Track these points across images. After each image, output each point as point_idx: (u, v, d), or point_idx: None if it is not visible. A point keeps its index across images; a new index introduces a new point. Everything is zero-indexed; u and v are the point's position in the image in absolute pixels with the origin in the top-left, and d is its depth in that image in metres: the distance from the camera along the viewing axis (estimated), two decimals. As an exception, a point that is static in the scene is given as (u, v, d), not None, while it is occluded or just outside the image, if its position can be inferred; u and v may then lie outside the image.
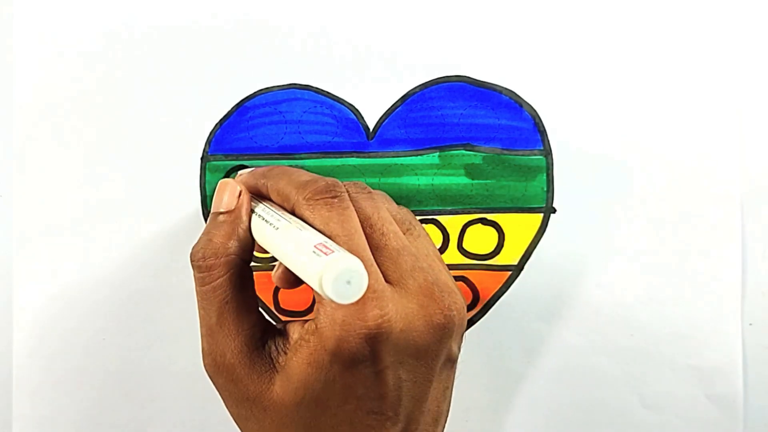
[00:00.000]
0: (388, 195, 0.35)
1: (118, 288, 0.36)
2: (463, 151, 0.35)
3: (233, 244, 0.27)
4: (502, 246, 0.35)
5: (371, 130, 0.35)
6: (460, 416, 0.36)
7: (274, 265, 0.35)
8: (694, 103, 0.35)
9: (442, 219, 0.35)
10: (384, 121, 0.35)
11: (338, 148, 0.35)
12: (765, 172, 0.35)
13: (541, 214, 0.35)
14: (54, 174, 0.36)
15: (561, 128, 0.35)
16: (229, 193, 0.28)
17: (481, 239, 0.35)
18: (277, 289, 0.36)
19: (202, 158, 0.35)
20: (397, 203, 0.35)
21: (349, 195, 0.27)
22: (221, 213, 0.28)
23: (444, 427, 0.28)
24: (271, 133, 0.35)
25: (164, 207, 0.36)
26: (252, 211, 0.28)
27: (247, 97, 0.35)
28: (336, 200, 0.26)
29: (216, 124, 0.35)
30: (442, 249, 0.35)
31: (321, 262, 0.21)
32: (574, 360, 0.36)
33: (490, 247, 0.35)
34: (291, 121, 0.35)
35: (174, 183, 0.36)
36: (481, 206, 0.35)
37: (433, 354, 0.26)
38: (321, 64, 0.35)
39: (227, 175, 0.35)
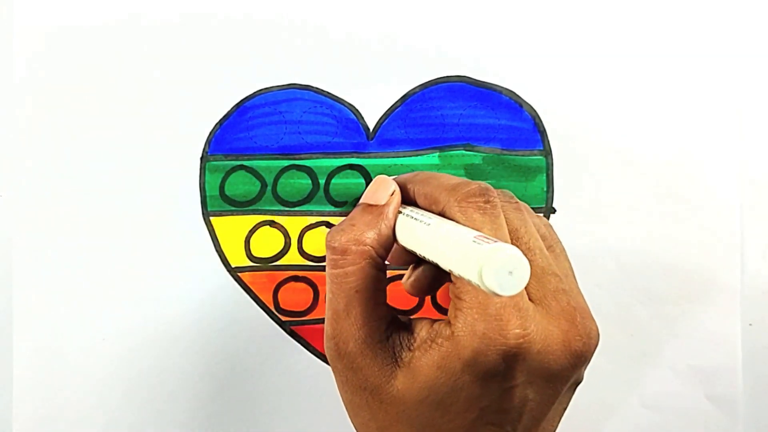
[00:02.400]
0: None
1: (118, 288, 0.36)
2: (463, 151, 0.35)
3: (373, 237, 0.26)
4: (502, 246, 0.35)
5: (371, 130, 0.35)
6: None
7: (275, 265, 0.35)
8: (694, 103, 0.35)
9: (442, 219, 0.35)
10: (384, 121, 0.35)
11: (338, 148, 0.35)
12: (765, 172, 0.36)
13: (541, 215, 0.35)
14: (54, 174, 0.36)
15: (561, 128, 0.35)
16: (382, 188, 0.28)
17: (481, 239, 0.35)
18: (276, 289, 0.36)
19: (201, 158, 0.35)
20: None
21: None
22: (369, 205, 0.28)
23: None
24: (271, 133, 0.35)
25: (164, 207, 0.36)
26: (399, 212, 0.28)
27: (246, 97, 0.35)
28: (488, 205, 0.25)
29: (216, 124, 0.35)
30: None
31: (483, 250, 0.20)
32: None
33: (490, 248, 0.35)
34: (291, 121, 0.35)
35: (174, 183, 0.36)
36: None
37: (564, 379, 0.25)
38: (321, 64, 0.35)
39: (227, 176, 0.35)
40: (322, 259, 0.35)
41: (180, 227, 0.36)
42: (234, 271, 0.36)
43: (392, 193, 0.28)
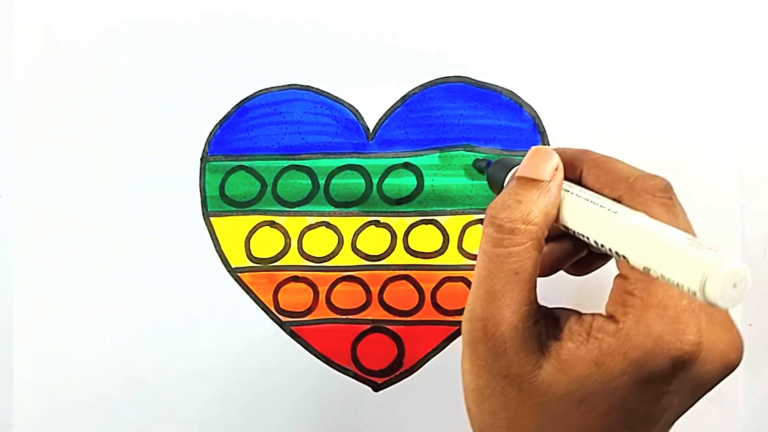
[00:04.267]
0: (388, 196, 0.35)
1: (118, 288, 0.36)
2: (463, 152, 0.35)
3: (540, 215, 0.25)
4: (502, 246, 0.35)
5: (371, 130, 0.35)
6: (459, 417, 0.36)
7: (275, 266, 0.35)
8: (694, 103, 0.35)
9: (441, 220, 0.35)
10: (384, 121, 0.35)
11: (338, 148, 0.35)
12: (765, 171, 0.35)
13: None
14: (54, 174, 0.36)
15: (561, 129, 0.35)
16: (545, 160, 0.26)
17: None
18: (277, 290, 0.36)
19: (201, 158, 0.35)
20: (397, 204, 0.35)
21: None
22: (531, 180, 0.25)
23: None
24: (271, 134, 0.35)
25: (164, 207, 0.36)
26: (564, 190, 0.26)
27: (246, 98, 0.35)
28: (671, 202, 0.24)
29: (216, 125, 0.35)
30: (442, 250, 0.35)
31: (706, 260, 0.19)
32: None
33: (490, 248, 0.35)
34: (291, 122, 0.35)
35: (174, 183, 0.36)
36: (481, 207, 0.35)
37: (709, 389, 0.24)
38: (321, 64, 0.35)
39: (227, 176, 0.35)
40: (322, 259, 0.35)
41: (180, 227, 0.36)
42: (234, 272, 0.36)
43: (556, 168, 0.26)
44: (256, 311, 0.36)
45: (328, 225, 0.35)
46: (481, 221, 0.35)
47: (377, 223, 0.35)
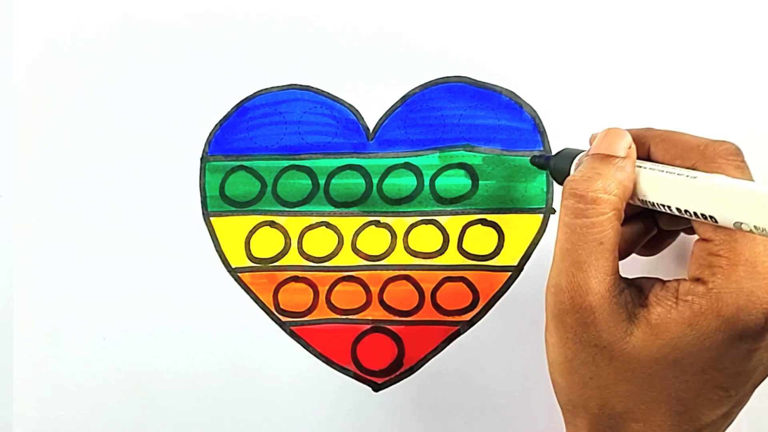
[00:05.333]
0: (388, 196, 0.35)
1: (118, 288, 0.36)
2: (463, 152, 0.35)
3: (619, 187, 0.25)
4: (502, 247, 0.35)
5: (371, 130, 0.35)
6: (458, 417, 0.36)
7: (275, 266, 0.35)
8: (694, 103, 0.35)
9: (441, 220, 0.35)
10: (384, 121, 0.35)
11: (338, 148, 0.35)
12: (765, 172, 0.35)
13: (541, 215, 0.35)
14: (54, 174, 0.36)
15: (561, 129, 0.35)
16: (618, 138, 0.27)
17: (481, 240, 0.35)
18: (277, 290, 0.36)
19: (201, 158, 0.35)
20: (397, 204, 0.35)
21: None
22: (607, 156, 0.26)
23: None
24: (271, 134, 0.35)
25: (164, 207, 0.36)
26: (638, 167, 0.27)
27: (246, 98, 0.35)
28: (744, 164, 0.25)
29: (216, 125, 0.35)
30: (442, 250, 0.35)
31: None
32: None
33: (490, 248, 0.35)
34: (291, 122, 0.35)
35: (174, 183, 0.36)
36: (481, 207, 0.35)
37: None
38: (321, 64, 0.35)
39: (227, 176, 0.35)
40: (322, 259, 0.35)
41: (180, 227, 0.36)
42: (234, 272, 0.36)
43: (629, 146, 0.27)
44: (256, 311, 0.36)
45: (328, 225, 0.35)
46: (481, 221, 0.35)
47: (377, 223, 0.35)
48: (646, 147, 0.28)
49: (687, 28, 0.35)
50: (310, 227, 0.35)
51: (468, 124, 0.35)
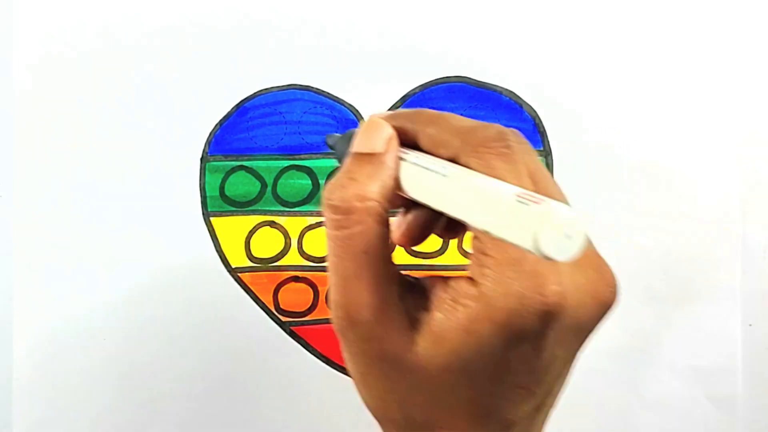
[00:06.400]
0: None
1: (118, 288, 0.36)
2: (463, 152, 0.35)
3: (377, 190, 0.24)
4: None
5: (371, 130, 0.35)
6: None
7: (275, 266, 0.35)
8: (694, 103, 0.35)
9: (442, 219, 0.35)
10: (384, 121, 0.35)
11: (338, 148, 0.35)
12: (765, 171, 0.35)
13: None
14: (54, 174, 0.36)
15: (561, 128, 0.35)
16: (377, 133, 0.25)
17: (481, 240, 0.35)
18: (277, 290, 0.36)
19: (201, 159, 0.35)
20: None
21: None
22: (365, 154, 0.25)
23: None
24: (271, 134, 0.35)
25: (164, 207, 0.36)
26: (400, 159, 0.25)
27: (246, 98, 0.35)
28: (509, 151, 0.23)
29: (216, 125, 0.35)
30: (442, 250, 0.35)
31: (534, 213, 0.18)
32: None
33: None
34: (291, 122, 0.35)
35: (174, 183, 0.36)
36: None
37: (590, 331, 0.24)
38: (321, 64, 0.35)
39: (227, 176, 0.35)
40: (323, 259, 0.35)
41: (180, 227, 0.36)
42: (234, 272, 0.36)
43: (389, 138, 0.25)
44: (256, 311, 0.36)
45: (328, 225, 0.35)
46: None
47: (377, 223, 0.35)
48: (412, 133, 0.25)
49: (687, 28, 0.35)
50: (310, 227, 0.35)
51: (468, 124, 0.35)
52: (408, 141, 0.25)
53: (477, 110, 0.35)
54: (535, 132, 0.35)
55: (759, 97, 0.35)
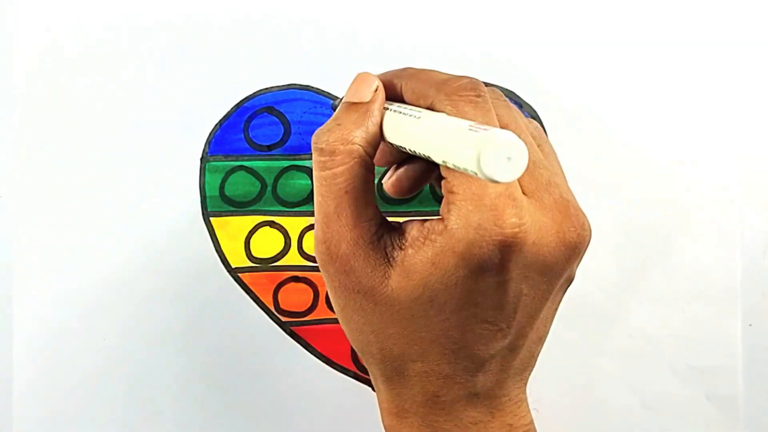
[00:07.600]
0: (388, 195, 0.35)
1: (118, 288, 0.36)
2: (463, 152, 0.35)
3: (360, 135, 0.26)
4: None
5: (371, 130, 0.35)
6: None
7: (275, 266, 0.35)
8: (694, 103, 0.35)
9: (442, 219, 0.35)
10: (384, 121, 0.35)
11: (338, 148, 0.35)
12: (765, 172, 0.35)
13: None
14: (54, 174, 0.36)
15: (561, 128, 0.35)
16: (365, 84, 0.27)
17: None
18: (277, 290, 0.36)
19: (201, 159, 0.35)
20: (397, 203, 0.35)
21: None
22: (353, 103, 0.27)
23: (541, 349, 0.28)
24: (271, 134, 0.35)
25: (164, 207, 0.36)
26: (385, 109, 0.27)
27: (246, 98, 0.35)
28: (480, 99, 0.25)
29: (216, 125, 0.35)
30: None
31: (479, 137, 0.20)
32: (574, 360, 0.36)
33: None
34: (291, 122, 0.35)
35: (174, 183, 0.36)
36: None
37: (558, 272, 0.25)
38: (321, 64, 0.35)
39: (227, 176, 0.35)
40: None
41: (180, 227, 0.36)
42: (234, 272, 0.36)
43: (376, 90, 0.27)
44: (256, 311, 0.36)
45: (328, 225, 0.35)
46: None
47: (377, 223, 0.35)
48: (399, 88, 0.27)
49: (687, 28, 0.35)
50: (310, 227, 0.35)
51: (468, 124, 0.35)
52: (395, 96, 0.27)
53: (477, 110, 0.35)
54: (535, 132, 0.35)
55: (759, 97, 0.35)
